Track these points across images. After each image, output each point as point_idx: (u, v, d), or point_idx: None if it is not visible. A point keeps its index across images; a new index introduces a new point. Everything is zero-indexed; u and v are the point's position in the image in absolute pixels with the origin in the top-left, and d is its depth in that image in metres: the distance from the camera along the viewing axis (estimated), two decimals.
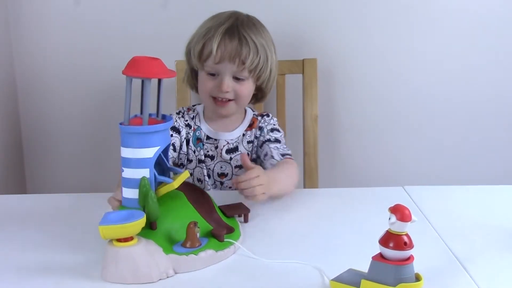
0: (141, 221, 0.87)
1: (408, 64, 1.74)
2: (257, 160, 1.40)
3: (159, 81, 0.98)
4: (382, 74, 1.75)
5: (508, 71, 1.74)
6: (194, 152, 1.37)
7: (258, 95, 1.38)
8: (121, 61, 1.69)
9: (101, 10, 1.70)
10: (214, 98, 1.30)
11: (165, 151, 1.00)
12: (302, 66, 1.63)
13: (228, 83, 1.27)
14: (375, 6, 1.70)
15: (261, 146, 1.37)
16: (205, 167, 1.37)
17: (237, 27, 1.27)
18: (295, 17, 1.70)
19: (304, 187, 1.65)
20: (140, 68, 0.91)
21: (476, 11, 1.70)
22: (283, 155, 1.32)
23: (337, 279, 0.84)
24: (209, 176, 1.38)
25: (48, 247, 1.00)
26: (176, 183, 0.97)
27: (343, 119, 1.78)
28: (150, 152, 0.93)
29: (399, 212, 0.78)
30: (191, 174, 1.39)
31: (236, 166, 1.38)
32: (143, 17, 1.70)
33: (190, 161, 1.38)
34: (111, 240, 0.87)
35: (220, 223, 1.02)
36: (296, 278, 0.88)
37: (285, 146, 1.36)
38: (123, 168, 0.94)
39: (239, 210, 1.11)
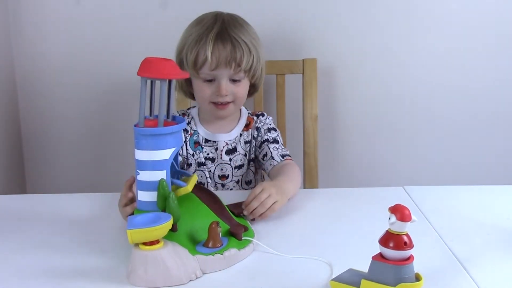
0: (169, 223, 0.85)
1: (408, 64, 1.74)
2: (255, 160, 1.40)
3: (169, 82, 0.98)
4: (382, 74, 1.75)
5: (509, 71, 1.74)
6: (193, 155, 1.37)
7: (251, 90, 1.39)
8: (121, 61, 1.73)
9: (101, 10, 1.70)
10: (214, 103, 1.31)
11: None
12: (302, 66, 1.63)
13: (226, 87, 1.28)
14: (375, 6, 1.70)
15: (259, 146, 1.37)
16: (206, 170, 1.37)
17: (226, 30, 1.27)
18: (295, 17, 1.70)
19: (304, 187, 1.65)
20: (154, 69, 0.90)
21: (477, 11, 1.70)
22: (283, 156, 1.33)
23: (337, 279, 0.84)
24: (210, 179, 1.38)
25: (48, 248, 0.99)
26: (190, 186, 0.97)
27: (343, 119, 1.78)
28: (166, 154, 0.92)
29: (399, 212, 0.78)
30: None
31: (235, 167, 1.38)
32: (143, 17, 1.70)
33: (189, 165, 1.38)
34: (136, 244, 0.86)
35: (233, 222, 1.01)
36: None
37: (283, 146, 1.38)
38: (138, 171, 0.93)
39: None
